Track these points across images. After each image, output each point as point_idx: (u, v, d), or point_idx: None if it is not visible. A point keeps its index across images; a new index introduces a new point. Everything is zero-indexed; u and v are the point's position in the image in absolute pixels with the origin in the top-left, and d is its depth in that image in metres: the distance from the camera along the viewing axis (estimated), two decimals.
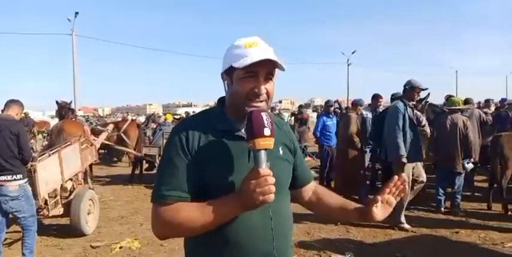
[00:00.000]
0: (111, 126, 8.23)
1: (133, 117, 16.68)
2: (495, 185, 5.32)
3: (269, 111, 1.14)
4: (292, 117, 13.37)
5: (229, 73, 1.15)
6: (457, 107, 5.42)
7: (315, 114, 18.45)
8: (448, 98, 5.67)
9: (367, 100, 7.20)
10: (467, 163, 5.21)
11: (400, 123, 4.43)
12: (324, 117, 7.00)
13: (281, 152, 1.21)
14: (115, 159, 11.41)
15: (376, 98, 6.40)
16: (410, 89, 4.56)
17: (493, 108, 9.11)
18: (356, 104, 6.14)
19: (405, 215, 5.08)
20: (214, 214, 1.05)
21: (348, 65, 37.02)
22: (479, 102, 10.00)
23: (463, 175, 5.27)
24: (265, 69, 1.12)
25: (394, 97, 6.03)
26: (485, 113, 7.00)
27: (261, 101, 1.13)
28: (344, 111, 7.98)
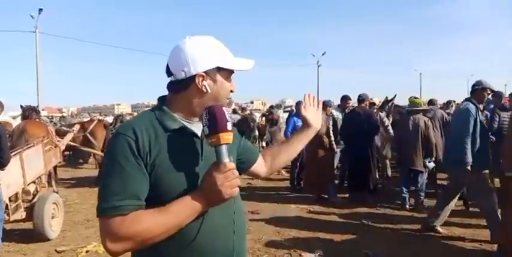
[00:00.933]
0: (77, 127, 7.96)
1: (101, 118, 16.19)
2: None
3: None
4: (263, 118, 13.44)
5: (212, 73, 1.14)
6: (419, 108, 5.65)
7: (286, 115, 18.59)
8: (410, 99, 5.88)
9: (337, 101, 7.38)
10: (429, 162, 5.44)
11: (471, 128, 3.96)
12: (295, 118, 7.09)
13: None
14: (81, 161, 11.05)
15: (345, 99, 6.58)
16: (481, 90, 4.13)
17: (451, 109, 9.54)
18: (326, 105, 6.25)
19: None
20: (178, 215, 1.02)
21: (318, 66, 37.69)
22: (443, 104, 10.42)
23: (426, 173, 5.50)
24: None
25: (361, 98, 6.22)
26: (448, 113, 7.34)
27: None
28: None
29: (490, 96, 6.58)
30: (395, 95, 7.97)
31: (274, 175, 8.59)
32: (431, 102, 6.73)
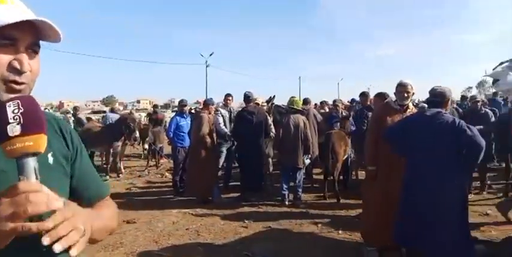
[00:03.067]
0: None
1: None
2: (330, 178, 5.99)
3: (32, 97, 0.75)
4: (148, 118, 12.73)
5: None
6: (298, 108, 5.91)
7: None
8: (291, 99, 6.10)
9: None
10: (306, 158, 5.73)
11: None
12: (178, 117, 6.77)
13: (51, 160, 0.88)
14: None
15: (226, 97, 6.52)
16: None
17: (327, 108, 10.39)
18: (208, 103, 6.08)
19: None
20: None
21: (207, 66, 37.67)
22: (315, 104, 11.25)
23: (303, 169, 5.77)
24: (29, 37, 0.79)
25: (250, 97, 6.20)
26: (321, 113, 7.91)
27: (22, 84, 0.79)
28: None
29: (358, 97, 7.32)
30: (274, 96, 8.28)
31: (158, 178, 8.14)
32: (305, 101, 7.11)
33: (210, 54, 37.65)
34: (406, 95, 3.72)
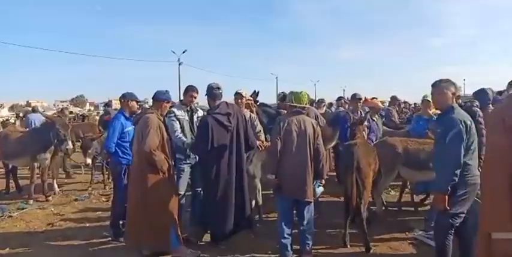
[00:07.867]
0: None
1: None
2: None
3: None
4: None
5: None
6: (302, 105, 3.73)
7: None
8: (292, 93, 3.90)
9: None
10: (318, 186, 3.64)
11: None
12: (122, 120, 4.47)
13: None
14: None
15: (189, 91, 4.25)
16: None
17: (323, 109, 8.44)
18: (160, 99, 3.83)
19: None
20: None
21: (179, 64, 35.51)
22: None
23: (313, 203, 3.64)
24: None
25: (219, 91, 4.04)
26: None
27: None
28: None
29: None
30: (258, 91, 6.07)
31: (101, 203, 5.86)
32: None
33: (183, 52, 35.65)
34: None
